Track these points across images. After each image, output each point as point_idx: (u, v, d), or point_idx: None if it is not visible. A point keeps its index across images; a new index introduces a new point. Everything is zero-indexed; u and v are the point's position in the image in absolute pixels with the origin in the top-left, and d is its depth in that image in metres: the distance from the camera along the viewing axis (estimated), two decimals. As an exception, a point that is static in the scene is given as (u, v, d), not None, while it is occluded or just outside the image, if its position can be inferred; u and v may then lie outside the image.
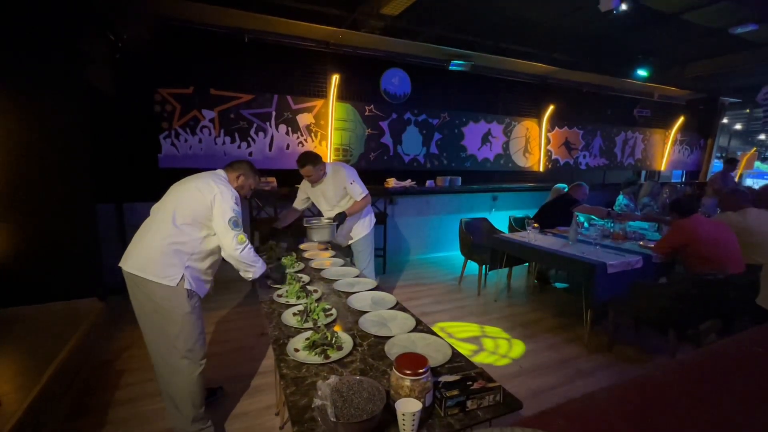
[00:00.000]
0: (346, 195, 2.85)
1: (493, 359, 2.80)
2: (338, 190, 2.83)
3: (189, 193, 1.88)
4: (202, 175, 1.97)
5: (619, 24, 4.55)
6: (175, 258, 1.78)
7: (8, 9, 2.63)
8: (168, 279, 1.76)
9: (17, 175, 2.74)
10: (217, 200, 1.84)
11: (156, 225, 1.84)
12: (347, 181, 2.82)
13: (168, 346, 1.82)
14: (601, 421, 0.76)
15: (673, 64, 6.43)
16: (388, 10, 4.00)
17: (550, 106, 6.42)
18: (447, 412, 1.03)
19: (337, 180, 2.82)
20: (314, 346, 1.35)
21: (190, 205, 1.84)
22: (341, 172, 2.83)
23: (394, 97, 5.30)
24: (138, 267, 1.78)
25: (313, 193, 2.93)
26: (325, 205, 2.94)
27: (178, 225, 1.81)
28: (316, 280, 2.21)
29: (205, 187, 1.87)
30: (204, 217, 1.84)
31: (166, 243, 1.78)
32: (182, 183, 1.97)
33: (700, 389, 0.89)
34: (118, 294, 3.84)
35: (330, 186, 2.83)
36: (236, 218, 1.86)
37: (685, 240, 2.86)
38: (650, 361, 2.83)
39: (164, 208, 1.88)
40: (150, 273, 1.76)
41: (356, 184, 2.83)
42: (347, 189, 2.83)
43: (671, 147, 8.18)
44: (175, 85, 4.10)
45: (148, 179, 4.04)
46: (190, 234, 1.83)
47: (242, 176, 2.05)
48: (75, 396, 2.26)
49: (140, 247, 1.83)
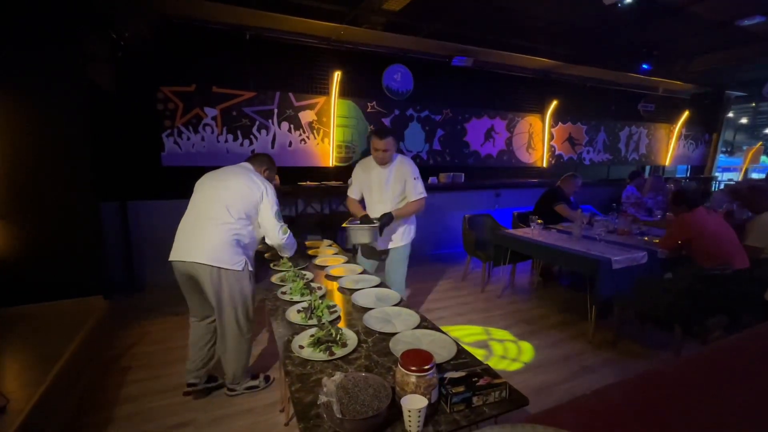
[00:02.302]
0: (402, 191, 2.61)
1: (505, 364, 2.70)
2: (398, 183, 2.59)
3: (238, 190, 2.08)
4: (238, 172, 2.16)
5: (623, 17, 4.50)
6: (238, 247, 2.05)
7: (10, 8, 2.63)
8: (237, 265, 2.03)
9: (21, 174, 2.76)
10: (264, 196, 2.11)
11: (215, 219, 2.03)
12: (411, 175, 2.57)
13: (237, 318, 2.10)
14: (612, 416, 0.75)
15: (677, 58, 6.36)
16: (389, 6, 3.97)
17: (553, 101, 6.37)
18: (453, 408, 1.03)
19: (402, 171, 2.58)
20: (319, 343, 1.35)
21: (241, 200, 2.07)
22: (407, 164, 2.61)
23: (397, 94, 5.28)
24: (209, 257, 1.98)
25: (366, 180, 2.66)
26: (375, 195, 2.65)
27: (235, 218, 2.04)
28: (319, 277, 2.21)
29: (252, 184, 2.11)
30: (253, 211, 2.12)
31: (230, 235, 2.02)
32: (219, 180, 2.14)
33: (710, 385, 0.88)
34: (123, 292, 3.90)
35: (392, 174, 2.58)
36: (279, 210, 2.17)
37: (690, 235, 2.82)
38: (655, 357, 2.82)
39: (215, 204, 2.06)
40: (221, 261, 1.99)
41: (419, 182, 2.60)
42: (407, 184, 2.58)
43: (676, 142, 8.12)
44: (178, 83, 4.10)
45: (151, 177, 4.06)
46: (245, 226, 2.09)
47: (267, 170, 2.29)
48: (81, 393, 2.28)
49: (204, 239, 2.01)
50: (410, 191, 2.60)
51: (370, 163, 2.62)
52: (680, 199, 2.93)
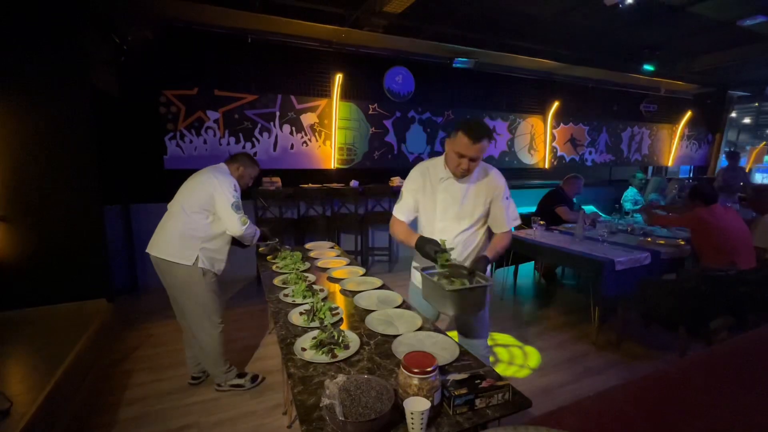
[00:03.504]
0: (483, 216, 1.81)
1: (512, 371, 2.67)
2: (480, 204, 1.77)
3: (194, 186, 2.22)
4: (205, 170, 2.30)
5: (625, 18, 4.49)
6: (190, 242, 2.15)
7: (14, 13, 2.65)
8: (185, 259, 2.13)
9: (25, 177, 2.77)
10: (217, 189, 2.17)
11: (172, 215, 2.21)
12: (503, 194, 1.79)
13: (195, 313, 2.23)
14: (616, 419, 0.74)
15: (679, 58, 6.34)
16: (390, 8, 3.98)
17: (555, 102, 6.37)
18: (455, 410, 1.02)
19: (488, 187, 1.77)
20: (321, 345, 1.35)
21: (195, 195, 2.19)
22: (496, 179, 1.78)
23: (398, 96, 5.29)
24: (162, 251, 2.15)
25: (430, 193, 1.81)
26: (440, 216, 1.80)
27: (188, 213, 2.16)
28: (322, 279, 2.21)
29: (206, 179, 2.22)
30: (208, 205, 2.18)
31: (181, 230, 2.15)
32: (190, 179, 2.30)
33: (715, 386, 0.87)
34: (126, 294, 3.91)
35: (471, 191, 1.76)
36: (237, 202, 2.20)
37: (697, 229, 2.80)
38: (659, 358, 2.80)
39: (176, 201, 2.24)
40: (171, 255, 2.13)
41: (512, 204, 1.83)
42: (495, 207, 1.79)
43: (679, 142, 8.09)
44: (180, 87, 4.12)
45: (153, 181, 4.08)
46: (199, 221, 2.17)
47: (241, 167, 2.36)
48: (85, 396, 2.28)
49: (161, 235, 2.20)
50: (499, 217, 1.80)
51: (439, 171, 1.78)
52: (699, 193, 2.90)
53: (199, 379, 2.46)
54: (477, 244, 1.85)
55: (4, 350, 2.30)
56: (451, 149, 1.67)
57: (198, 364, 2.45)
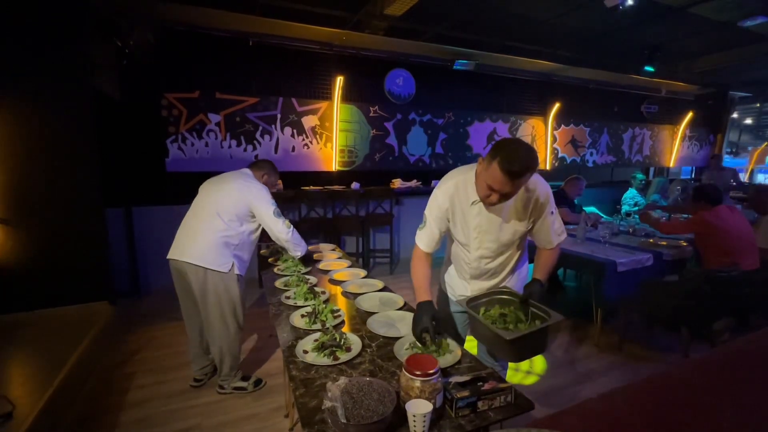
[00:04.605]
0: (524, 232, 1.57)
1: (519, 377, 2.60)
2: (523, 220, 1.51)
3: (228, 192, 2.21)
4: (235, 176, 2.29)
5: (626, 19, 4.50)
6: (226, 249, 2.16)
7: (16, 16, 2.67)
8: (222, 266, 2.14)
9: (28, 180, 2.78)
10: (256, 197, 2.21)
11: (204, 221, 2.17)
12: (548, 208, 1.51)
13: (224, 317, 2.21)
14: (618, 421, 0.74)
15: (680, 59, 6.35)
16: (391, 11, 3.99)
17: (556, 103, 6.37)
18: (458, 413, 1.02)
19: (532, 201, 1.47)
20: (323, 347, 1.35)
21: (231, 202, 2.19)
22: (540, 190, 1.47)
23: (399, 98, 5.30)
24: (196, 258, 2.11)
25: (461, 223, 1.55)
26: (476, 240, 1.55)
27: (225, 221, 2.16)
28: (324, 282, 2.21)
29: (243, 187, 2.22)
30: (245, 214, 2.21)
31: (217, 237, 2.13)
32: (216, 183, 2.28)
33: (718, 388, 0.87)
34: (128, 297, 3.92)
35: (510, 208, 1.48)
36: (277, 209, 2.25)
37: (703, 232, 2.79)
38: (661, 360, 2.79)
39: (206, 206, 2.21)
40: (208, 262, 2.11)
41: (558, 217, 1.59)
42: (540, 222, 1.53)
43: (680, 143, 8.08)
44: (181, 90, 4.14)
45: (155, 183, 4.09)
46: (235, 228, 2.19)
47: (266, 175, 2.40)
48: (87, 399, 2.28)
49: (193, 240, 2.15)
50: (545, 234, 1.57)
51: (470, 191, 1.47)
52: (704, 194, 2.85)
53: (201, 382, 2.46)
54: (519, 255, 1.70)
55: (6, 353, 2.30)
56: (483, 178, 1.32)
57: (202, 366, 2.46)
